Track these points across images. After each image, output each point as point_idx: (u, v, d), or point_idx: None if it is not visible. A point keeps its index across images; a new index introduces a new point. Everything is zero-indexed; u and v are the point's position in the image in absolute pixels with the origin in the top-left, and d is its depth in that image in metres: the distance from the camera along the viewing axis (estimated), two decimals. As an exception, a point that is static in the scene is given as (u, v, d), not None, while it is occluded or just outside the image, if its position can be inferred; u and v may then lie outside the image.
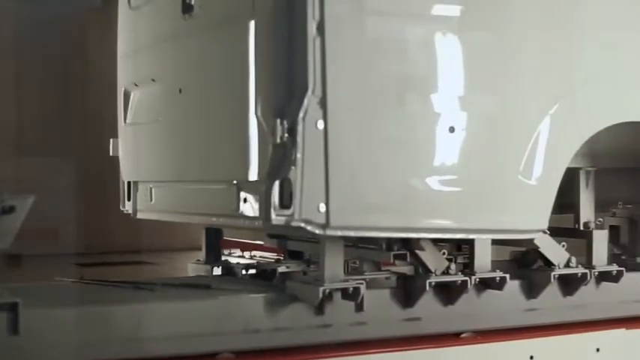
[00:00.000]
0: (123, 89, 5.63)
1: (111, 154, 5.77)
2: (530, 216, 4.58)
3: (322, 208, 4.11)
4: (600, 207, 5.57)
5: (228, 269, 5.43)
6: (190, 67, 4.90)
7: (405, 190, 4.30)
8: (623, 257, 5.64)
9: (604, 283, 5.26)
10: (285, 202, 4.14)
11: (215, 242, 5.58)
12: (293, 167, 4.08)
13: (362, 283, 4.55)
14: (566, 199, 5.03)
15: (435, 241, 4.82)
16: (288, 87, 4.17)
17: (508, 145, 4.48)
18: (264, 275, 5.39)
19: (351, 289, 4.51)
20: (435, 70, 4.32)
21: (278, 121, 4.11)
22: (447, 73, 4.34)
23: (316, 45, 4.08)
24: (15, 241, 6.04)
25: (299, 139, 4.07)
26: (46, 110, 9.60)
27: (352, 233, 4.26)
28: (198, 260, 5.60)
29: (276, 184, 4.14)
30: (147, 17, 5.37)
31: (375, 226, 4.29)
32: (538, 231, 4.64)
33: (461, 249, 5.21)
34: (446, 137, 4.33)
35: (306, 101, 4.07)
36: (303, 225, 4.13)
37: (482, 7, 4.40)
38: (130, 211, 5.66)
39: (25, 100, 9.73)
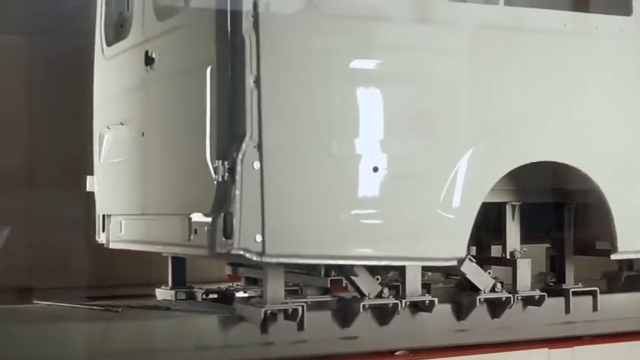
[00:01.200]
0: (98, 131, 6.34)
1: (87, 189, 6.48)
2: (448, 245, 5.25)
3: (258, 238, 4.80)
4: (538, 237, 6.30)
5: (191, 294, 6.12)
6: (151, 113, 5.62)
7: (334, 222, 4.98)
8: (551, 283, 6.30)
9: (529, 307, 5.91)
10: (228, 233, 4.83)
11: (180, 269, 6.27)
12: (233, 203, 4.78)
13: (302, 305, 5.23)
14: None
15: (370, 268, 5.49)
16: (229, 132, 4.87)
17: (427, 182, 5.16)
18: (225, 299, 6.06)
19: (291, 310, 5.18)
20: (360, 117, 5.02)
21: (220, 162, 4.81)
22: (371, 120, 5.04)
23: (253, 96, 4.79)
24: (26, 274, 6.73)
25: (238, 178, 4.77)
26: (52, 145, 10.03)
27: (286, 260, 4.94)
28: (165, 286, 6.29)
29: (220, 217, 4.84)
30: (117, 67, 6.09)
31: (307, 254, 4.97)
32: (456, 259, 5.30)
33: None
34: (370, 176, 5.02)
35: (244, 145, 4.78)
36: (242, 253, 4.82)
37: (401, 62, 5.10)
38: (104, 242, 6.36)
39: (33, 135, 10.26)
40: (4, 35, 9.57)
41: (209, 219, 4.93)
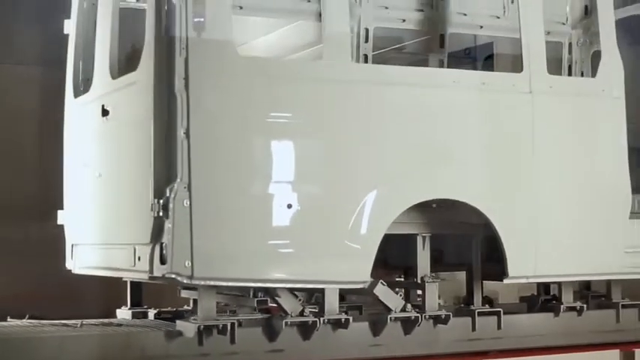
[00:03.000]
0: (66, 170, 7.48)
1: (58, 222, 7.59)
2: (355, 271, 6.33)
3: (188, 264, 5.90)
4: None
5: (144, 313, 7.22)
6: (106, 156, 6.75)
7: (254, 251, 6.08)
8: (462, 305, 7.36)
9: (438, 325, 6.96)
10: (163, 259, 5.94)
11: (137, 291, 7.36)
12: (167, 234, 5.89)
13: (234, 322, 6.31)
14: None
15: (293, 290, 6.57)
16: (165, 175, 5.99)
17: (335, 217, 6.25)
18: (177, 318, 7.13)
19: (221, 325, 6.26)
20: (275, 162, 6.13)
21: (156, 200, 5.93)
22: (285, 164, 6.14)
23: (184, 145, 5.91)
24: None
25: (170, 213, 5.88)
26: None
27: (212, 283, 6.04)
28: (124, 306, 7.38)
29: (157, 246, 5.96)
30: (82, 116, 7.22)
31: (231, 278, 6.08)
32: (362, 282, 6.38)
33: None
34: (285, 211, 6.12)
35: (176, 186, 5.90)
36: (174, 276, 5.92)
37: (310, 116, 6.21)
38: (72, 268, 7.47)
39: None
40: (22, 66, 10.50)
41: (148, 248, 6.05)
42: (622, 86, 7.23)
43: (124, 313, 7.35)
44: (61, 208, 7.60)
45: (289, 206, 6.14)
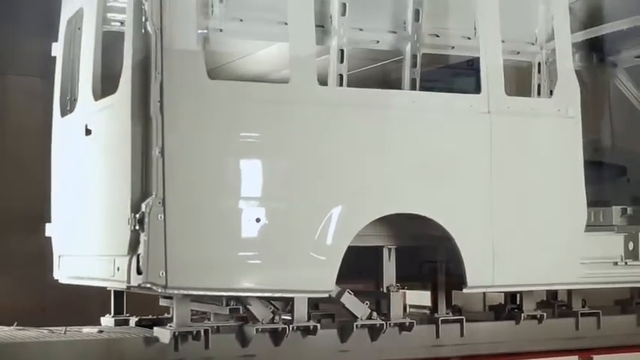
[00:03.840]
0: (53, 185, 7.99)
1: (46, 235, 8.10)
2: (320, 281, 6.83)
3: (162, 274, 6.40)
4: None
5: (126, 321, 7.72)
6: (89, 173, 7.26)
7: (225, 262, 6.59)
8: (428, 312, 7.85)
9: (404, 332, 7.45)
10: (139, 270, 6.45)
11: (119, 300, 7.86)
12: (142, 246, 6.39)
13: (207, 328, 6.81)
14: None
15: (264, 299, 7.06)
16: (141, 192, 6.49)
17: (301, 231, 6.74)
18: (156, 325, 7.62)
19: (195, 332, 6.76)
20: (244, 179, 6.63)
21: (133, 215, 6.43)
22: (253, 181, 6.64)
23: (159, 164, 6.42)
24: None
25: (146, 227, 6.38)
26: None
27: (184, 292, 6.55)
28: (108, 314, 7.89)
29: (134, 257, 6.47)
30: (67, 134, 7.75)
31: (202, 287, 6.58)
32: (326, 291, 6.87)
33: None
34: (253, 225, 6.62)
35: (150, 201, 6.39)
36: (149, 285, 6.41)
37: (278, 136, 6.71)
38: (59, 278, 7.98)
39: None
40: (23, 77, 10.89)
41: (126, 259, 6.55)
42: (578, 106, 7.71)
43: (107, 321, 7.86)
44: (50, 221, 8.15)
45: (257, 220, 6.64)
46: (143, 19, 6.54)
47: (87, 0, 7.55)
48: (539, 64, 8.54)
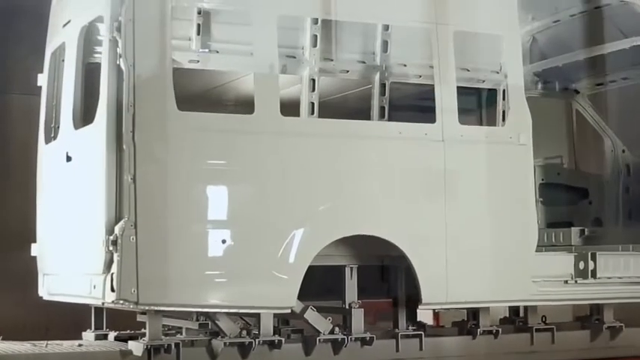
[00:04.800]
0: (38, 207, 8.62)
1: (32, 254, 8.71)
2: (282, 298, 7.42)
3: (134, 291, 7.00)
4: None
5: (105, 335, 8.33)
6: (69, 197, 7.89)
7: (192, 280, 7.18)
8: (389, 329, 8.44)
9: (365, 346, 8.03)
10: (113, 287, 7.05)
11: (100, 316, 8.47)
12: (115, 266, 7.00)
13: (177, 342, 7.41)
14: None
15: (234, 314, 7.66)
16: (115, 215, 7.11)
17: (264, 252, 7.33)
18: (133, 339, 8.21)
19: (166, 345, 7.36)
20: (211, 204, 7.24)
21: (107, 236, 7.04)
22: (220, 205, 7.25)
23: (131, 190, 7.03)
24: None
25: (119, 248, 6.99)
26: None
27: (155, 307, 7.15)
28: (89, 329, 8.50)
29: (108, 276, 7.08)
30: (51, 160, 8.37)
31: (172, 303, 7.18)
32: (288, 307, 7.47)
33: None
34: (220, 245, 7.22)
35: (123, 224, 7.00)
36: (122, 302, 7.02)
37: (244, 163, 7.32)
38: (43, 295, 8.59)
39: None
40: (25, 95, 11.24)
41: (101, 277, 7.17)
42: (529, 134, 8.31)
43: (88, 335, 8.47)
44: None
45: (223, 241, 7.24)
46: (118, 56, 7.17)
47: (69, 35, 8.19)
48: (503, 91, 9.12)
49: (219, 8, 7.87)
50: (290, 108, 7.92)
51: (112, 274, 7.09)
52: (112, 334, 8.36)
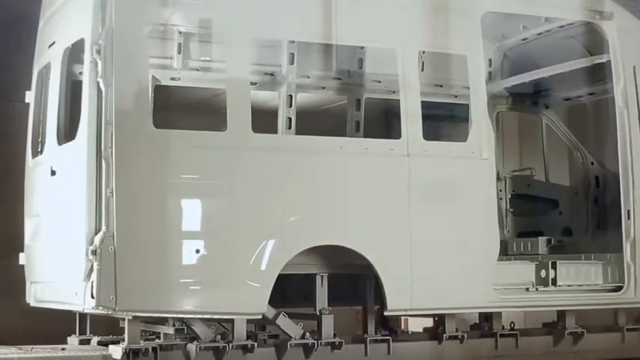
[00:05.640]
0: (25, 218, 9.17)
1: (20, 263, 9.26)
2: (253, 305, 7.96)
3: (112, 298, 7.54)
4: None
5: (88, 340, 8.88)
6: (53, 208, 8.43)
7: (168, 287, 7.72)
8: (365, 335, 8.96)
9: (335, 350, 8.56)
10: (93, 294, 7.59)
11: (83, 321, 9.01)
12: (95, 274, 7.54)
13: (155, 346, 7.94)
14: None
15: (210, 320, 8.20)
16: (95, 226, 7.65)
17: (236, 261, 7.87)
18: (114, 344, 8.75)
19: (144, 349, 7.89)
20: (185, 215, 7.78)
21: (87, 246, 7.59)
22: (194, 217, 7.81)
23: (110, 203, 7.57)
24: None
25: (98, 257, 7.53)
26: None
27: (132, 313, 7.69)
28: (74, 334, 9.04)
29: (88, 284, 7.62)
30: (37, 173, 8.92)
31: (148, 309, 7.72)
32: (259, 313, 8.00)
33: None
34: (194, 255, 7.76)
35: (102, 235, 7.54)
36: (101, 308, 7.56)
37: (216, 177, 7.86)
38: (30, 302, 9.13)
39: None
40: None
41: (82, 285, 7.71)
42: (492, 148, 8.84)
43: (72, 340, 9.02)
44: (24, 251, 9.33)
45: (197, 251, 7.79)
46: (98, 77, 7.72)
47: (54, 55, 8.75)
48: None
49: (195, 31, 8.42)
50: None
51: (92, 282, 7.63)
52: (95, 339, 8.91)
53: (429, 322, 10.16)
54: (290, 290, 8.78)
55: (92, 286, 7.64)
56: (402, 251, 8.41)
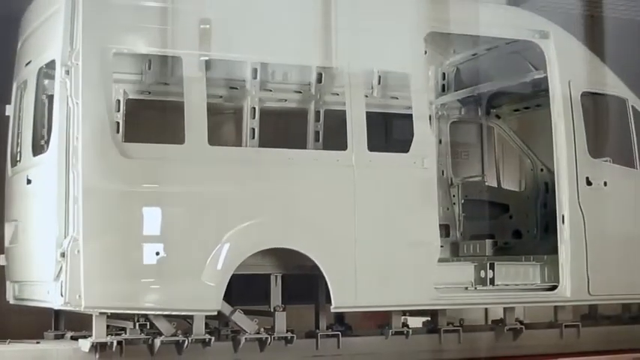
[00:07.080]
0: (5, 222, 10.14)
1: (0, 264, 10.22)
2: (208, 302, 8.90)
3: (79, 296, 8.49)
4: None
5: (63, 335, 9.84)
6: (28, 215, 9.40)
7: (130, 286, 8.67)
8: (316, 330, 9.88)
9: (287, 344, 9.49)
10: (62, 293, 8.56)
11: (60, 318, 9.97)
12: (64, 274, 8.50)
13: (120, 340, 8.88)
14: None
15: (171, 316, 9.14)
16: (64, 231, 8.61)
17: (192, 262, 8.81)
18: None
19: (109, 342, 8.84)
20: (146, 221, 8.73)
21: (57, 249, 8.54)
22: (154, 222, 8.74)
23: (77, 208, 8.53)
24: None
25: (67, 259, 8.49)
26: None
27: (99, 310, 8.64)
28: (50, 330, 10.00)
29: (58, 283, 8.58)
30: (15, 180, 9.88)
31: (113, 307, 8.67)
32: (214, 310, 8.94)
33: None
34: (154, 257, 8.71)
35: (70, 238, 8.51)
36: (69, 306, 8.51)
37: (173, 185, 8.82)
38: (10, 300, 10.10)
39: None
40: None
41: (53, 284, 8.67)
42: (433, 159, 9.79)
43: (48, 335, 9.98)
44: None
45: (157, 253, 8.73)
46: (67, 94, 8.67)
47: (30, 73, 9.73)
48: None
49: (156, 52, 9.36)
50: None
51: (61, 281, 8.59)
52: (68, 334, 9.87)
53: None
54: (257, 290, 9.72)
55: (61, 286, 8.60)
56: (346, 253, 9.33)
